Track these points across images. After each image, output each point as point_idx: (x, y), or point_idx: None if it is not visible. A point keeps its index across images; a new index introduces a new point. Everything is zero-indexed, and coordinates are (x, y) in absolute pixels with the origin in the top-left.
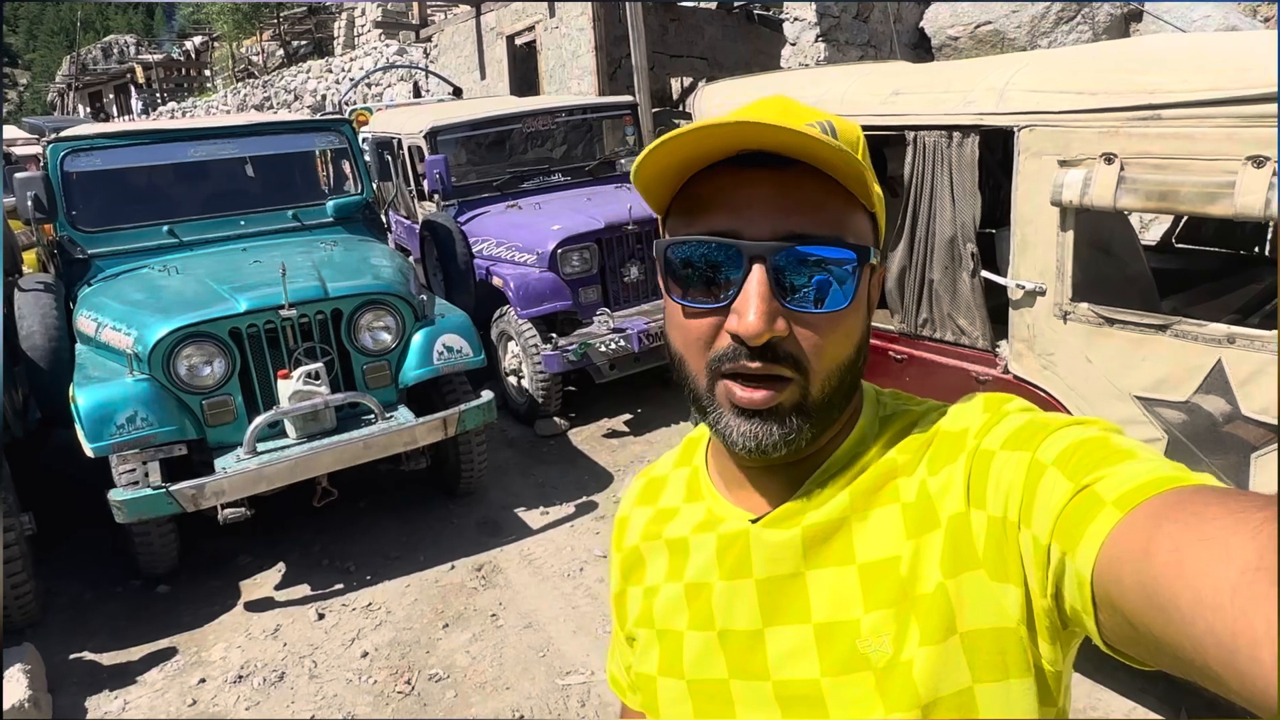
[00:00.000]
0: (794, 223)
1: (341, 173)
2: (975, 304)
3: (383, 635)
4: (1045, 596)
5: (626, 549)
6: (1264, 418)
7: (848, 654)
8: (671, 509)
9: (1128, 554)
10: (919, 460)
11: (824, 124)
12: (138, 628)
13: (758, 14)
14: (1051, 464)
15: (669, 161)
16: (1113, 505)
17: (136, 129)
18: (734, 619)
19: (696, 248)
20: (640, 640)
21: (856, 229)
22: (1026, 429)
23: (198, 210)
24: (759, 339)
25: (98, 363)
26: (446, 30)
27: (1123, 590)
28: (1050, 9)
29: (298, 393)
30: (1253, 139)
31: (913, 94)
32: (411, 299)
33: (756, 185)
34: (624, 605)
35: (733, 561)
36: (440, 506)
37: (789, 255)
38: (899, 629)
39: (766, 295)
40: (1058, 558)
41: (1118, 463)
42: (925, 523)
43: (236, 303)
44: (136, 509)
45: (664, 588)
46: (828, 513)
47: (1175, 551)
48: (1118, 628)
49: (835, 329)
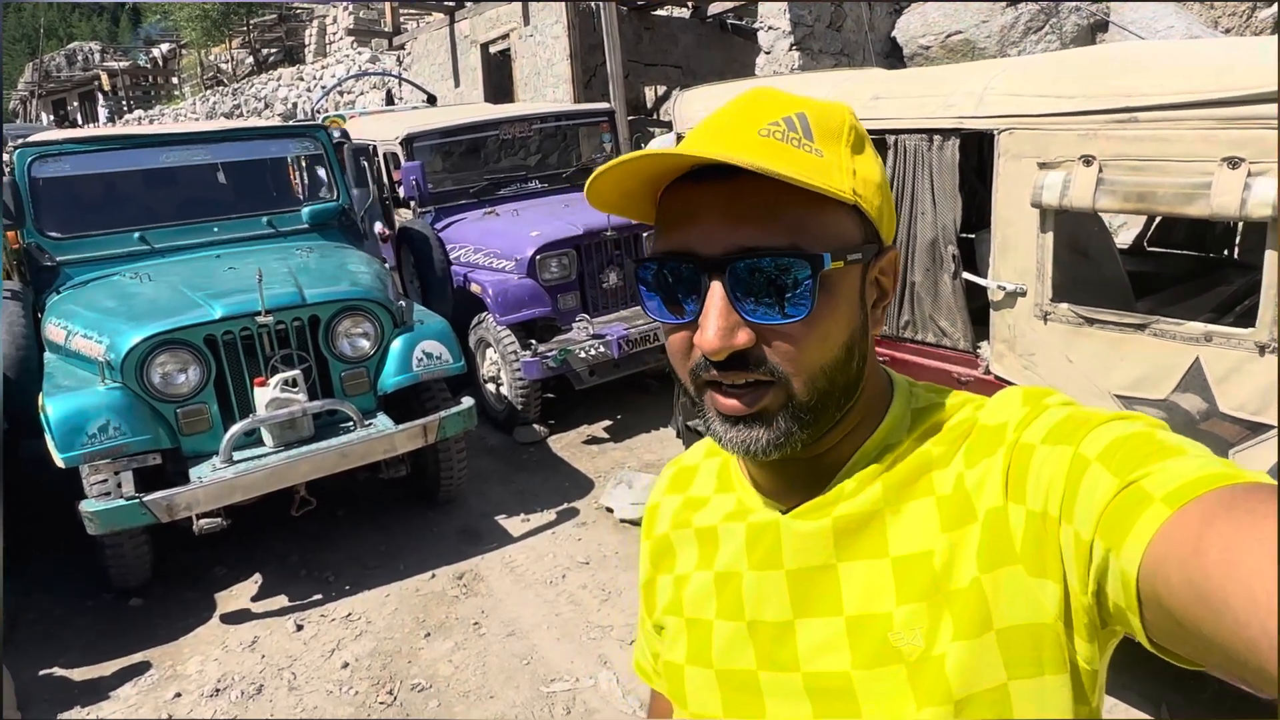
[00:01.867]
0: (743, 235)
1: (316, 179)
2: (956, 305)
3: (363, 645)
4: (1086, 593)
5: (656, 536)
6: (1241, 414)
7: (879, 647)
8: (702, 498)
9: (1177, 552)
10: (954, 453)
11: (792, 118)
12: (110, 642)
13: (731, 23)
14: (1095, 459)
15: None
16: (1161, 502)
17: (107, 134)
18: (764, 609)
19: (658, 266)
20: (669, 629)
21: (821, 230)
22: (1068, 423)
23: (170, 217)
24: (719, 354)
25: (68, 371)
26: (420, 38)
27: (1171, 589)
28: (1019, 19)
29: (274, 400)
30: (1228, 140)
31: (893, 98)
32: (390, 305)
33: (709, 199)
34: (653, 593)
35: (763, 552)
36: (420, 515)
37: (742, 269)
38: (932, 623)
39: (724, 310)
40: (1101, 554)
41: (1165, 458)
42: (961, 516)
43: (211, 309)
44: (109, 520)
45: (694, 576)
46: (860, 505)
47: (1228, 551)
48: (1164, 626)
49: (808, 334)
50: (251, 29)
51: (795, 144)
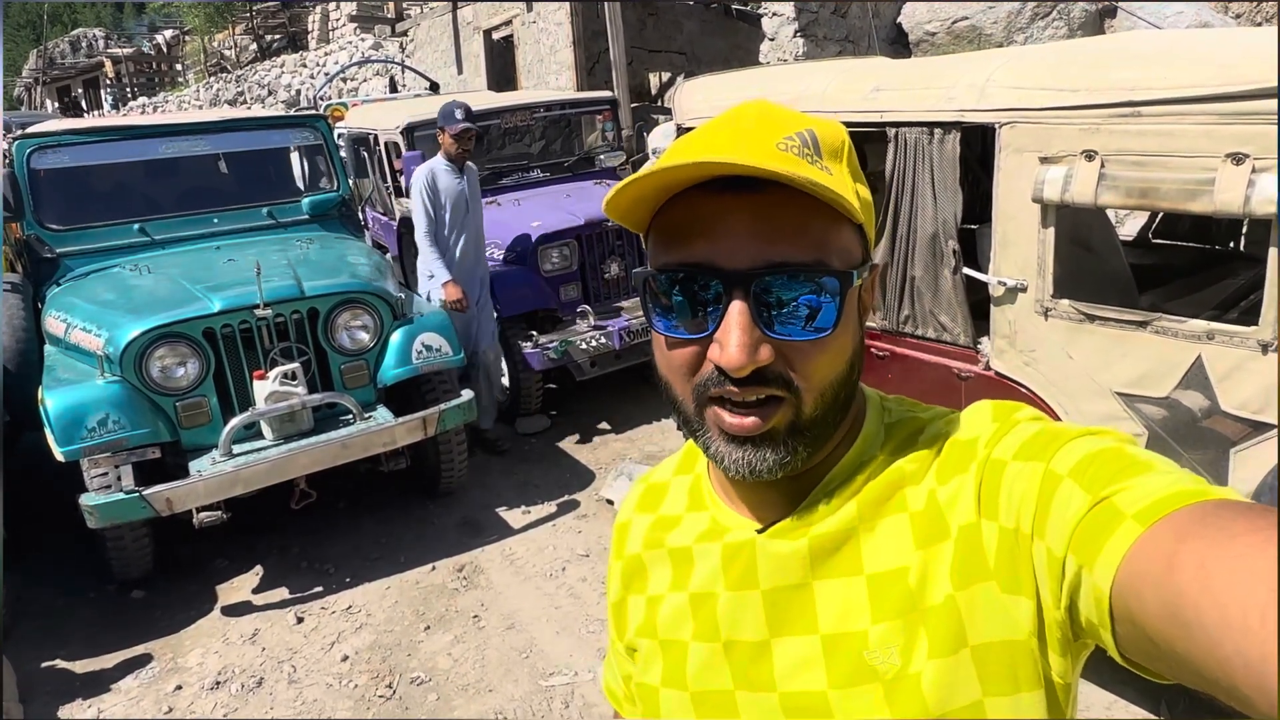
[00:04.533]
0: (774, 251)
1: (317, 169)
2: (957, 301)
3: (363, 638)
4: (1058, 609)
5: (628, 556)
6: (1243, 413)
7: (855, 665)
8: (674, 517)
9: (1150, 569)
10: (927, 469)
11: (804, 134)
12: (111, 634)
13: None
14: (1067, 475)
15: (640, 195)
16: (1134, 519)
17: (105, 125)
18: (740, 630)
19: (676, 277)
20: (642, 651)
21: (841, 247)
22: (1039, 439)
23: (170, 208)
24: (742, 371)
25: (67, 364)
26: (423, 25)
27: (1144, 606)
28: (1026, 5)
29: (274, 393)
30: (1231, 136)
31: (893, 90)
32: (390, 297)
33: (734, 212)
34: (624, 614)
35: (738, 572)
36: (420, 507)
37: (770, 285)
38: (907, 641)
39: (748, 326)
40: (1074, 570)
41: (1136, 475)
42: (934, 533)
43: (210, 302)
44: (109, 514)
45: (667, 598)
46: (835, 523)
47: (1201, 569)
48: (1136, 642)
49: (825, 350)
50: (255, 15)
51: (810, 160)
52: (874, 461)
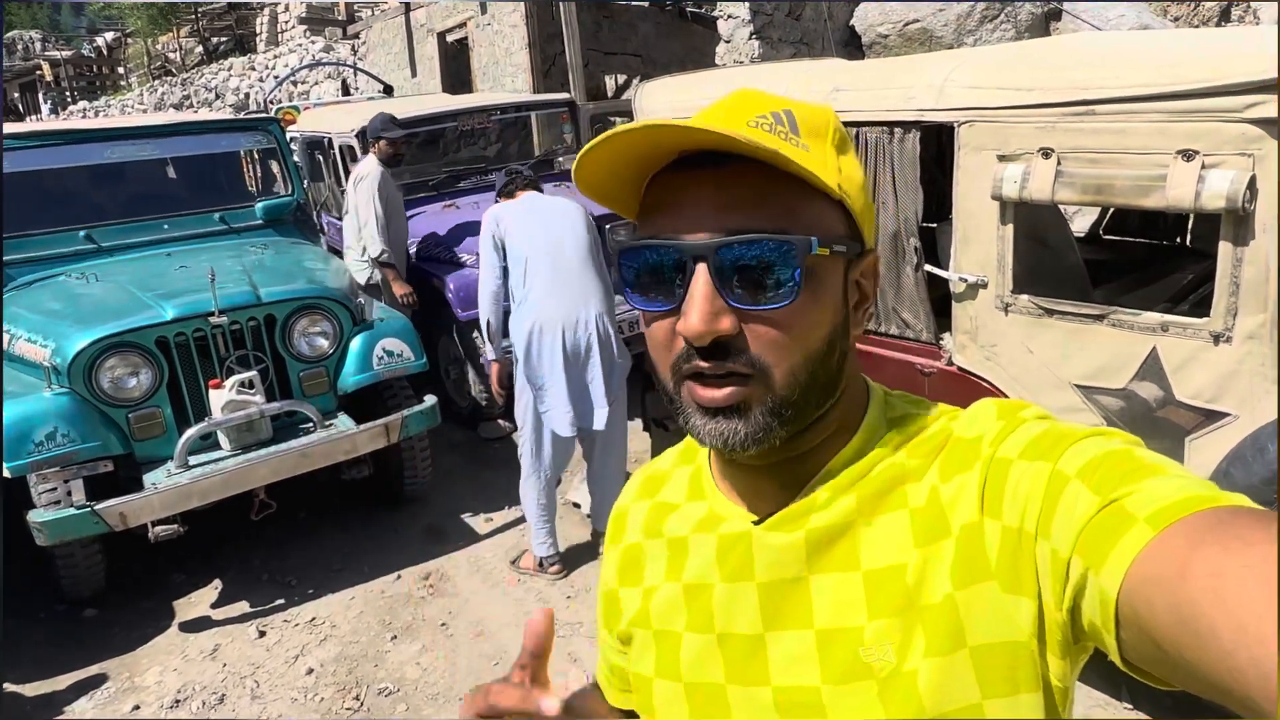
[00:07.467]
0: (733, 219)
1: (270, 173)
2: (919, 298)
3: (328, 650)
4: (1060, 610)
5: (625, 545)
6: (1197, 402)
7: (850, 662)
8: (672, 503)
9: (1161, 574)
10: (929, 465)
11: (779, 113)
12: (64, 655)
13: (691, 11)
14: (1075, 475)
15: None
16: (1145, 522)
17: (48, 129)
18: (734, 622)
19: (642, 252)
20: (636, 640)
21: (810, 219)
22: (1046, 438)
23: (117, 214)
24: (703, 339)
25: (12, 377)
26: (375, 27)
27: (1153, 611)
28: (975, 8)
29: (231, 402)
30: (1182, 133)
31: (853, 91)
32: (349, 302)
33: (697, 185)
34: (615, 603)
35: (734, 563)
36: (384, 515)
37: (729, 252)
38: (903, 638)
39: (709, 295)
40: (1079, 572)
41: (1146, 478)
42: (935, 531)
43: (162, 310)
44: (59, 530)
45: (662, 587)
46: (833, 516)
47: (1215, 577)
48: (1141, 647)
49: (793, 323)
50: (200, 17)
51: (783, 137)
52: (875, 455)
